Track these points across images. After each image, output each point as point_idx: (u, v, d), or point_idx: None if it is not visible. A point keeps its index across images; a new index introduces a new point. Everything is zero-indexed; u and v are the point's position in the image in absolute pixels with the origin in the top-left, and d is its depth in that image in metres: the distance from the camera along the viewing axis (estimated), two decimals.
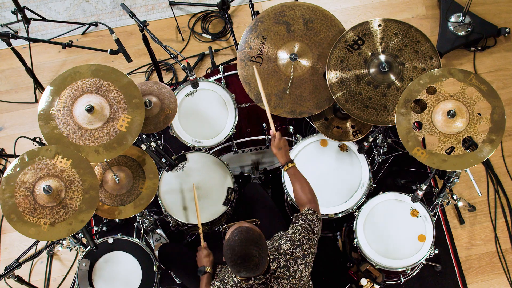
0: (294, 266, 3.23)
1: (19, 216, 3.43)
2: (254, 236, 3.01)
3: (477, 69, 5.54)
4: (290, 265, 3.22)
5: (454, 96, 3.64)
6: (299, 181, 3.62)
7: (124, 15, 5.95)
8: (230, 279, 3.23)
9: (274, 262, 3.19)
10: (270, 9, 4.20)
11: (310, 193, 3.58)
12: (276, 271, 3.18)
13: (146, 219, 4.58)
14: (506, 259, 4.86)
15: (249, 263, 2.96)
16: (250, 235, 3.00)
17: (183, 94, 4.44)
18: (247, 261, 2.96)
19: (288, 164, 3.66)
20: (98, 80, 3.69)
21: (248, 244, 2.96)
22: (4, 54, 5.81)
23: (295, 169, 3.66)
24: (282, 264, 3.21)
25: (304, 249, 3.29)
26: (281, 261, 3.21)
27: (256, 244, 2.98)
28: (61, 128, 3.60)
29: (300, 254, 3.27)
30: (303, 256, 3.27)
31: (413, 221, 4.12)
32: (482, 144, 3.54)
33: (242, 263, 2.97)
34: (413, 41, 3.94)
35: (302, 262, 3.27)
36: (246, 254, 2.96)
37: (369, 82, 3.88)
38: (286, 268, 3.21)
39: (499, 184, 5.09)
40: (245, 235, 3.00)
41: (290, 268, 3.22)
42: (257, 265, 2.98)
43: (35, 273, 4.95)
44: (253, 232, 3.03)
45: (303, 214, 3.43)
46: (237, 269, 3.01)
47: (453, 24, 5.56)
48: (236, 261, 2.97)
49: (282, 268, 3.20)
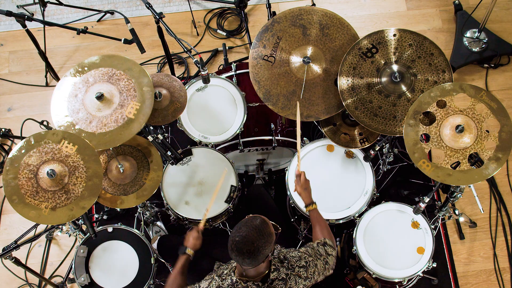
0: (292, 283, 3.21)
1: (20, 198, 3.43)
2: (265, 229, 3.00)
3: (489, 86, 5.53)
4: (288, 280, 3.20)
5: (464, 111, 3.63)
6: (320, 223, 3.62)
7: (140, 5, 5.95)
8: (228, 277, 3.22)
9: (275, 273, 3.18)
10: (288, 11, 4.20)
11: (329, 235, 3.57)
12: (274, 281, 3.17)
13: (147, 211, 4.58)
14: (503, 277, 4.85)
15: (244, 245, 2.93)
16: (262, 225, 3.00)
17: (193, 89, 4.44)
18: (244, 243, 2.93)
19: (312, 205, 3.68)
20: (111, 70, 3.70)
21: (254, 230, 2.96)
22: (18, 36, 5.82)
23: (317, 211, 3.68)
24: (282, 277, 3.19)
25: (309, 272, 3.27)
26: (281, 274, 3.20)
27: (260, 234, 2.96)
28: (70, 115, 3.62)
29: (303, 275, 3.25)
30: (305, 278, 3.25)
31: (413, 233, 4.11)
32: (488, 162, 3.54)
33: (238, 243, 2.94)
34: (427, 53, 3.93)
35: (302, 283, 3.25)
36: (246, 236, 2.94)
37: (380, 91, 3.87)
38: (284, 282, 3.19)
39: (502, 202, 5.08)
40: (257, 222, 3.00)
41: (287, 283, 3.20)
42: (249, 253, 2.94)
43: (33, 256, 4.96)
44: (267, 225, 3.02)
45: (325, 245, 3.45)
46: (231, 247, 2.97)
47: (468, 40, 5.55)
48: (235, 238, 2.96)
49: (280, 280, 3.18)
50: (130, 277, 4.05)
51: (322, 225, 3.62)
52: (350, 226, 4.41)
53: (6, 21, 5.86)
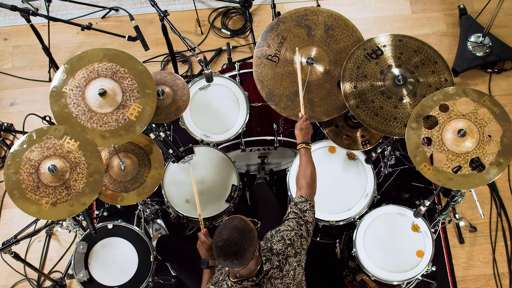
0: (286, 266, 3.22)
1: (21, 192, 3.44)
2: (244, 226, 2.98)
3: (492, 91, 5.53)
4: (283, 265, 3.21)
5: (466, 116, 3.63)
6: (306, 163, 3.61)
7: (145, 2, 5.95)
8: (223, 282, 3.21)
9: (267, 263, 3.18)
10: (294, 11, 4.20)
11: (311, 177, 3.56)
12: (269, 272, 3.17)
13: (147, 208, 4.58)
14: (502, 282, 4.85)
15: (229, 248, 2.91)
16: (240, 224, 2.98)
17: (196, 87, 4.45)
18: (228, 246, 2.92)
19: (303, 144, 3.68)
20: (115, 66, 3.70)
21: (234, 231, 2.94)
22: (23, 30, 5.83)
23: (308, 152, 3.66)
24: (275, 265, 3.20)
25: (296, 247, 3.28)
26: (274, 262, 3.20)
27: (242, 233, 2.94)
28: (71, 108, 3.60)
29: (292, 253, 3.25)
30: (294, 255, 3.26)
31: (413, 236, 4.11)
32: (490, 166, 3.54)
33: (222, 247, 2.92)
34: (430, 60, 3.92)
35: (294, 260, 3.25)
36: (228, 239, 2.92)
37: (383, 92, 3.87)
38: (279, 268, 3.20)
39: (502, 207, 5.08)
40: (235, 222, 2.99)
41: (283, 269, 3.21)
42: (236, 254, 2.92)
43: (32, 251, 4.97)
44: (245, 223, 3.01)
45: (296, 204, 3.41)
46: (217, 253, 2.95)
47: (472, 44, 5.55)
48: (218, 244, 2.94)
49: (275, 268, 3.19)
50: (129, 274, 4.05)
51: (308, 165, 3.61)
52: (350, 228, 4.41)
53: (11, 16, 5.87)
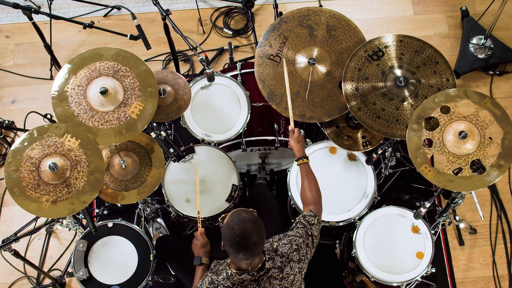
0: (287, 269, 3.22)
1: (22, 190, 3.44)
2: (252, 217, 3.03)
3: (493, 93, 5.53)
4: (284, 267, 3.22)
5: (467, 118, 3.63)
6: (308, 178, 3.63)
7: (147, 1, 5.95)
8: (223, 271, 3.23)
9: (270, 262, 3.19)
10: (296, 11, 4.20)
11: (317, 193, 3.58)
12: (270, 270, 3.18)
13: (148, 207, 4.58)
14: (502, 285, 4.85)
15: (248, 240, 2.95)
16: (248, 216, 3.02)
17: (198, 87, 4.44)
18: (246, 238, 2.95)
19: (303, 159, 3.69)
20: (117, 64, 3.70)
21: (247, 223, 2.98)
22: (25, 28, 5.82)
23: (308, 166, 3.68)
24: (277, 265, 3.21)
25: (301, 254, 3.29)
26: (276, 262, 3.21)
27: (254, 223, 2.99)
28: (73, 106, 3.61)
29: (296, 258, 3.27)
30: (298, 261, 3.27)
31: (413, 238, 4.11)
32: (490, 169, 3.54)
33: (241, 241, 2.95)
34: (432, 61, 3.93)
35: (297, 266, 3.26)
36: (244, 231, 2.95)
37: (384, 94, 3.86)
38: (280, 269, 3.21)
39: (502, 210, 5.08)
40: (243, 215, 3.02)
41: (283, 270, 3.21)
42: (255, 244, 2.97)
43: (32, 248, 4.97)
44: (251, 214, 3.06)
45: (305, 217, 3.42)
46: (236, 248, 2.98)
47: (474, 46, 5.55)
48: (235, 239, 2.96)
49: (276, 268, 3.20)
50: (129, 273, 4.05)
51: (311, 180, 3.63)
52: (350, 229, 4.41)
53: (13, 13, 5.87)
